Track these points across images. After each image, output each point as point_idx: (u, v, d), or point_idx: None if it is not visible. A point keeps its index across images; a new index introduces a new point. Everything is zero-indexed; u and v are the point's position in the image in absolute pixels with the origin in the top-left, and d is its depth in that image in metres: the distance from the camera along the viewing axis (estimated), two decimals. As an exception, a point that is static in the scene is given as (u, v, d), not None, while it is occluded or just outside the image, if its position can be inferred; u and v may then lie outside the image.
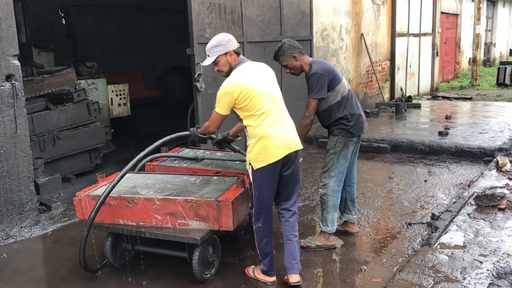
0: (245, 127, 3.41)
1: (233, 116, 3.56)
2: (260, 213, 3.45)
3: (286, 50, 4.03)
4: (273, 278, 3.59)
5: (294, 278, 3.50)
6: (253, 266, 3.76)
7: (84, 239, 3.57)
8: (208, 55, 3.43)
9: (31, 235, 4.77)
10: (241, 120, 3.45)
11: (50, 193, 5.66)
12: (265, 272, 3.59)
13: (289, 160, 3.43)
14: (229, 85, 3.31)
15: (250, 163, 3.41)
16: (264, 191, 3.42)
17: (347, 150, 4.12)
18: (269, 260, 3.54)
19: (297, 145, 3.48)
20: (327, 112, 4.09)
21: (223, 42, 3.38)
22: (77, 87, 6.76)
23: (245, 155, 3.65)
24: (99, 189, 3.95)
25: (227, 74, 3.43)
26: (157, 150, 4.06)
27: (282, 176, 3.46)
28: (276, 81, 3.56)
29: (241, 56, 3.46)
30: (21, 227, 4.85)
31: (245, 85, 3.28)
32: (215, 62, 3.43)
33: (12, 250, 4.46)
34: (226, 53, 3.38)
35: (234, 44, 3.41)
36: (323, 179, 4.19)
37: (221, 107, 3.37)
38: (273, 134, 3.32)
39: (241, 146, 4.42)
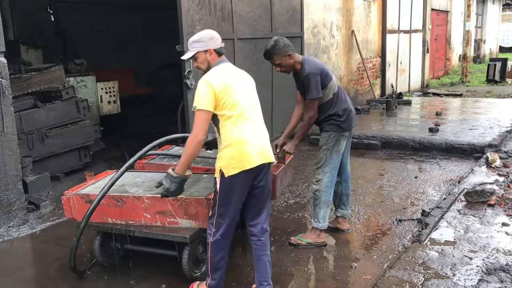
0: (219, 130, 3.13)
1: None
2: (222, 225, 3.15)
3: (282, 49, 3.97)
4: None
5: None
6: (197, 282, 3.51)
7: (74, 249, 3.55)
8: (188, 49, 3.26)
9: (19, 234, 4.71)
10: (216, 123, 3.16)
11: (38, 191, 5.60)
12: (212, 286, 3.26)
13: (262, 170, 3.19)
14: (208, 77, 3.09)
15: (220, 170, 3.09)
16: (232, 202, 3.12)
17: (339, 145, 4.15)
18: (220, 275, 3.24)
19: (272, 157, 3.24)
20: (320, 109, 4.11)
21: (204, 38, 3.18)
22: (66, 85, 6.68)
23: None
24: (87, 188, 3.91)
25: (205, 72, 3.21)
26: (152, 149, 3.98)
27: (254, 188, 3.21)
28: (255, 91, 3.33)
29: (223, 57, 3.25)
30: (9, 226, 4.79)
31: (224, 80, 3.08)
32: (194, 58, 3.23)
33: (-1, 249, 4.41)
34: (206, 51, 3.18)
35: (216, 43, 3.20)
36: (317, 175, 4.19)
37: (204, 102, 3.02)
38: (249, 139, 3.08)
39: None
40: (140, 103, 10.47)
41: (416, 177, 6.08)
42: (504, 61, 15.70)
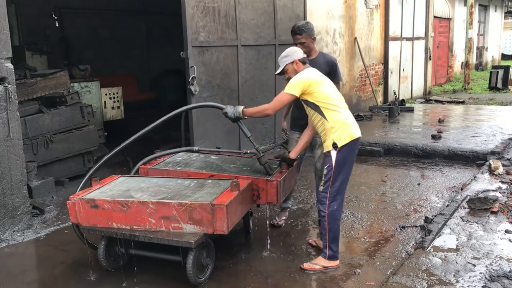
0: (323, 117, 3.67)
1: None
2: (338, 195, 3.74)
3: (311, 30, 4.36)
4: (338, 262, 3.90)
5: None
6: (308, 263, 3.94)
7: None
8: (279, 65, 3.92)
9: (23, 239, 4.73)
10: (318, 112, 3.70)
11: (43, 196, 5.63)
12: (331, 257, 3.85)
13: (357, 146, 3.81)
14: (302, 74, 3.74)
15: (334, 143, 3.63)
16: (347, 170, 3.73)
17: None
18: (337, 245, 3.86)
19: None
20: None
21: (290, 53, 3.86)
22: (70, 90, 6.72)
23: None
24: (93, 193, 3.93)
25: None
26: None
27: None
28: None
29: (307, 65, 3.86)
30: (14, 231, 4.82)
31: (313, 77, 3.73)
32: (285, 71, 3.88)
33: (4, 254, 4.42)
34: (292, 62, 3.83)
35: (299, 54, 3.85)
36: None
37: (293, 89, 3.69)
38: (351, 122, 3.73)
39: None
40: (143, 108, 10.50)
41: (419, 184, 6.09)
42: (507, 69, 15.71)
